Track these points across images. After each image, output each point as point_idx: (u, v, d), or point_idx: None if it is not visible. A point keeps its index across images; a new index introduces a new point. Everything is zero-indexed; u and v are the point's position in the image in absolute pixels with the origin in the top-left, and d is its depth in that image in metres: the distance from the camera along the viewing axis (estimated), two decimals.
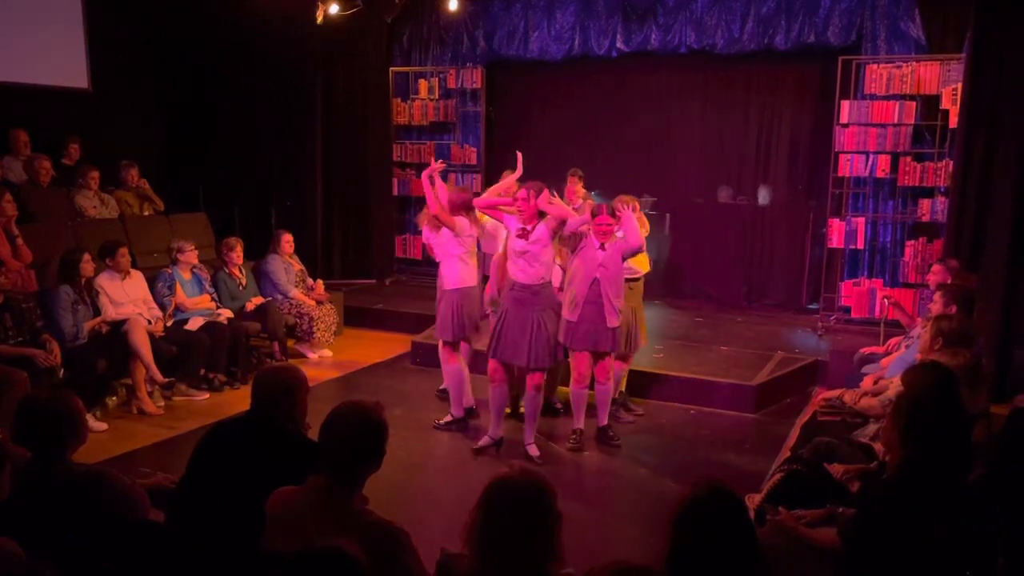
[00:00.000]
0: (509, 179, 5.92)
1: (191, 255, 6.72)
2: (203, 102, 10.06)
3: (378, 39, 9.97)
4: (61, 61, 8.53)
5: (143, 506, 2.77)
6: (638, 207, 5.91)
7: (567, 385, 5.63)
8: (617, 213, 5.32)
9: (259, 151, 10.02)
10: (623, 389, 6.17)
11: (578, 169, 7.43)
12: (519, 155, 5.94)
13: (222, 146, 10.05)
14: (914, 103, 7.73)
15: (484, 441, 5.40)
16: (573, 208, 6.04)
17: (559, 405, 6.10)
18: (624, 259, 5.36)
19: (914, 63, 7.72)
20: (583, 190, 7.36)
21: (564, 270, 5.51)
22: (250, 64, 9.87)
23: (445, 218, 5.47)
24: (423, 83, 10.05)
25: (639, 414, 6.16)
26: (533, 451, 5.31)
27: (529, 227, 5.13)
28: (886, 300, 6.52)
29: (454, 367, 5.72)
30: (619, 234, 5.34)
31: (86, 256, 5.95)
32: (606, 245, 5.28)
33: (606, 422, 5.60)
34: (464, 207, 5.57)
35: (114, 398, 6.11)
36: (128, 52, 9.23)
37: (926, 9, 7.79)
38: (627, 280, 5.61)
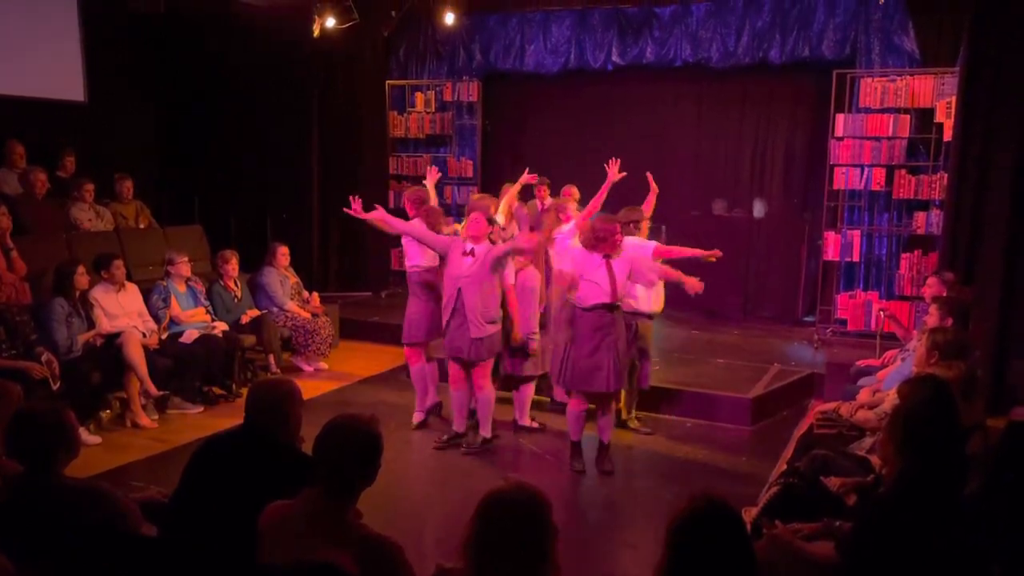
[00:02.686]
0: (512, 189, 6.22)
1: (182, 266, 6.68)
2: (199, 115, 10.06)
3: (375, 52, 10.01)
4: (57, 73, 8.52)
5: (136, 520, 2.75)
6: (645, 220, 5.91)
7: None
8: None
9: (255, 163, 10.02)
10: (605, 441, 5.30)
11: (545, 178, 7.93)
12: (527, 174, 6.30)
13: (218, 159, 10.05)
14: (908, 116, 7.77)
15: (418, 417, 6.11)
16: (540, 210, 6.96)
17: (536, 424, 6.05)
18: (506, 262, 5.34)
19: (908, 76, 7.76)
20: (550, 198, 7.90)
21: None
22: (247, 76, 9.87)
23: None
24: (419, 96, 10.09)
25: (606, 471, 5.22)
26: (416, 418, 6.04)
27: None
28: (882, 313, 6.52)
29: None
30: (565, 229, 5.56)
31: (80, 268, 5.92)
32: (475, 250, 5.24)
33: (486, 433, 5.60)
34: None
35: (108, 411, 6.07)
36: (124, 65, 9.24)
37: (919, 23, 7.85)
38: (640, 315, 5.65)
